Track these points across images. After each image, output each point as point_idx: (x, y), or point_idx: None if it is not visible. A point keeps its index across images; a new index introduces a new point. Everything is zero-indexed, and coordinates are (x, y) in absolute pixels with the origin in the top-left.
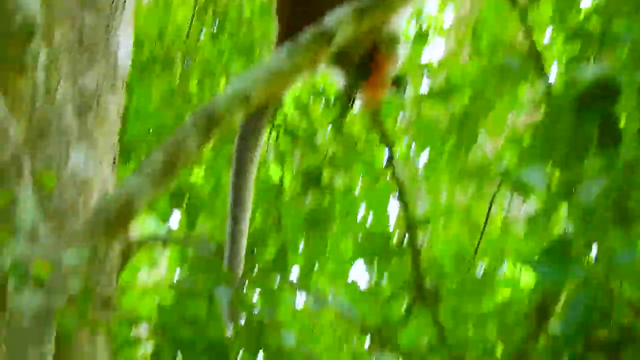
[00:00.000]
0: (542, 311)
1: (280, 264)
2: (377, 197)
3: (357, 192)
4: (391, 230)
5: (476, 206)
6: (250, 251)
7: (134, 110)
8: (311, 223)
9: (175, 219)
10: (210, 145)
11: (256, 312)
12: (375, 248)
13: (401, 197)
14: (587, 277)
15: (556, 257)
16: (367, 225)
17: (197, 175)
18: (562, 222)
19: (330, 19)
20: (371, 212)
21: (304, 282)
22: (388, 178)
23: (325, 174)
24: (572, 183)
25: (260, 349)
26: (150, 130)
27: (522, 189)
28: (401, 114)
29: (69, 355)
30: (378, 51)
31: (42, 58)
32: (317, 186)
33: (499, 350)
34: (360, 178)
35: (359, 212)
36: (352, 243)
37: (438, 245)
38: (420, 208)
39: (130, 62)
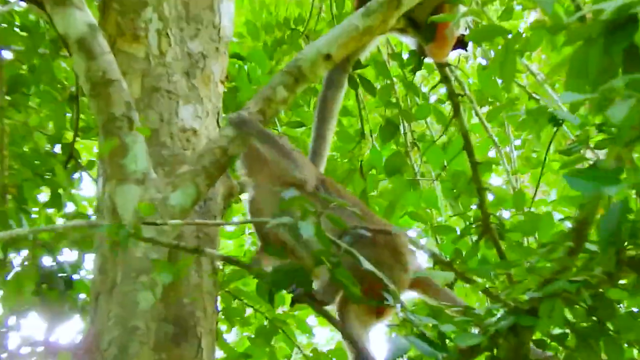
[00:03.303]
0: (579, 232)
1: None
2: (451, 145)
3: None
4: None
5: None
6: None
7: (247, 76)
8: (391, 168)
9: None
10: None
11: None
12: (459, 186)
13: (465, 142)
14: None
15: (588, 172)
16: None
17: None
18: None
19: None
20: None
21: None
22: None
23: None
24: (603, 103)
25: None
26: None
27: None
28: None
29: (178, 284)
30: (442, 13)
31: (154, 26)
32: (395, 134)
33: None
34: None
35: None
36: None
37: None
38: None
39: (232, 29)
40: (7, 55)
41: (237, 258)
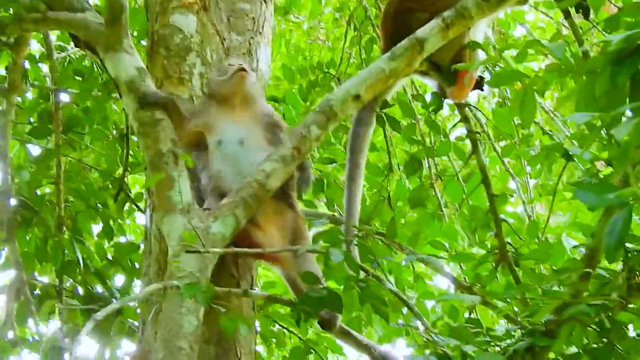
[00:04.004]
0: (590, 258)
1: (391, 232)
2: (471, 179)
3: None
4: None
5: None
6: (365, 222)
7: (283, 116)
8: (415, 200)
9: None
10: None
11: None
12: (477, 219)
13: (483, 175)
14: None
15: (596, 186)
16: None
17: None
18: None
19: (422, 30)
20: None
21: (412, 247)
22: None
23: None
24: (611, 125)
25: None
26: None
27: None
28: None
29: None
30: (462, 57)
31: (197, 70)
32: (418, 169)
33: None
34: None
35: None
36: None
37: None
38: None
39: (269, 73)
40: (64, 97)
41: (280, 296)
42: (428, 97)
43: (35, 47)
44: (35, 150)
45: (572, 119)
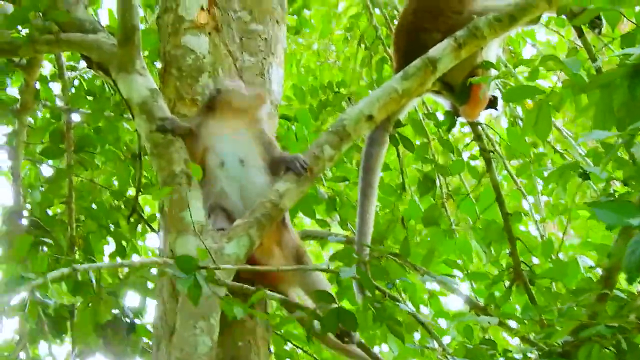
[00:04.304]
0: (607, 279)
1: (404, 252)
2: (483, 195)
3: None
4: None
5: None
6: (379, 241)
7: (295, 135)
8: (428, 219)
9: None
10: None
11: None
12: (491, 236)
13: (497, 194)
14: None
15: (614, 205)
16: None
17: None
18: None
19: (435, 50)
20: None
21: (426, 267)
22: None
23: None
24: (629, 141)
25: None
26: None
27: None
28: None
29: (234, 327)
30: (475, 77)
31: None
32: (432, 188)
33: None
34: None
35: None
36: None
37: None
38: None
39: (281, 93)
40: (76, 117)
41: (294, 302)
42: (440, 116)
43: (46, 66)
44: (47, 170)
45: (591, 137)
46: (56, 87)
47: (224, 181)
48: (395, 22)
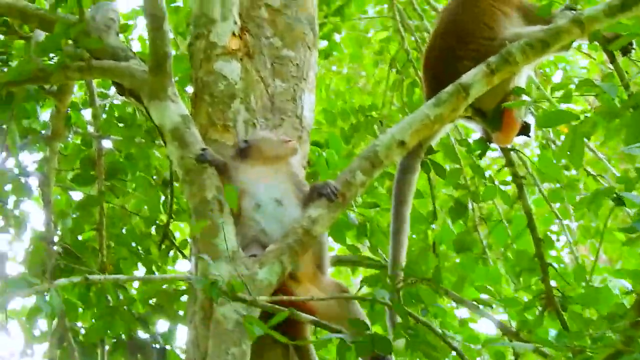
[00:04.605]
0: None
1: (437, 278)
2: (515, 222)
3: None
4: None
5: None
6: (411, 267)
7: (326, 161)
8: (460, 245)
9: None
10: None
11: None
12: (522, 264)
13: (530, 222)
14: None
15: None
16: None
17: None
18: None
19: (467, 76)
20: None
21: (457, 292)
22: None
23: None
24: None
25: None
26: None
27: None
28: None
29: (266, 352)
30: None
31: (242, 116)
32: (463, 214)
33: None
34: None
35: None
36: (498, 260)
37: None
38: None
39: (313, 119)
40: (107, 144)
41: (325, 323)
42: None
43: (77, 93)
44: (77, 196)
45: (630, 150)
46: (87, 114)
47: (263, 222)
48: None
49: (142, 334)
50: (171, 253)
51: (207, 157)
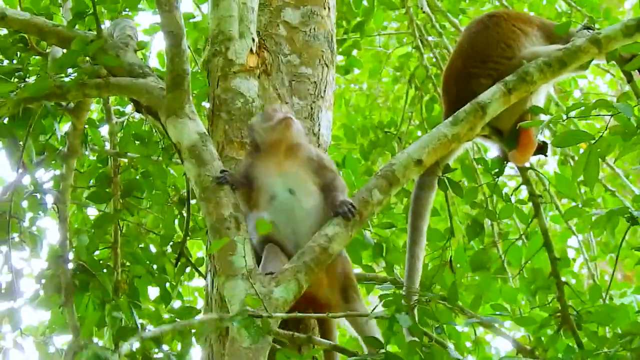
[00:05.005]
0: None
1: (452, 296)
2: (532, 240)
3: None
4: None
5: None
6: (427, 286)
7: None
8: (476, 264)
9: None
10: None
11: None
12: (538, 283)
13: (545, 239)
14: None
15: None
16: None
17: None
18: None
19: (484, 95)
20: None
21: (474, 311)
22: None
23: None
24: None
25: None
26: None
27: None
28: None
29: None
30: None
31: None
32: (480, 233)
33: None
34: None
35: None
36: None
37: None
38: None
39: (330, 136)
40: (123, 161)
41: (343, 347)
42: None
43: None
44: (93, 213)
45: None
46: (104, 130)
47: (273, 213)
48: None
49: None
50: (187, 269)
51: (226, 180)
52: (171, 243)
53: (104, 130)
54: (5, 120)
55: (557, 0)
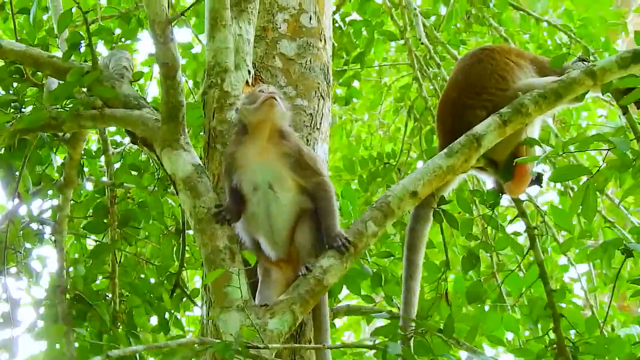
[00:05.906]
0: None
1: (449, 328)
2: (528, 272)
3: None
4: None
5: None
6: (423, 317)
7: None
8: (472, 296)
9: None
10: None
11: None
12: (536, 312)
13: (541, 271)
14: None
15: None
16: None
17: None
18: None
19: (479, 126)
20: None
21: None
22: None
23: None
24: None
25: None
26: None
27: None
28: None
29: None
30: (519, 154)
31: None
32: (476, 265)
33: None
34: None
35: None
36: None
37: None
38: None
39: (327, 168)
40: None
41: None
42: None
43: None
44: (92, 243)
45: None
46: (101, 161)
47: (255, 204)
48: None
49: None
50: (183, 299)
51: (223, 218)
52: (168, 273)
53: (101, 160)
54: (2, 151)
55: (557, 31)
